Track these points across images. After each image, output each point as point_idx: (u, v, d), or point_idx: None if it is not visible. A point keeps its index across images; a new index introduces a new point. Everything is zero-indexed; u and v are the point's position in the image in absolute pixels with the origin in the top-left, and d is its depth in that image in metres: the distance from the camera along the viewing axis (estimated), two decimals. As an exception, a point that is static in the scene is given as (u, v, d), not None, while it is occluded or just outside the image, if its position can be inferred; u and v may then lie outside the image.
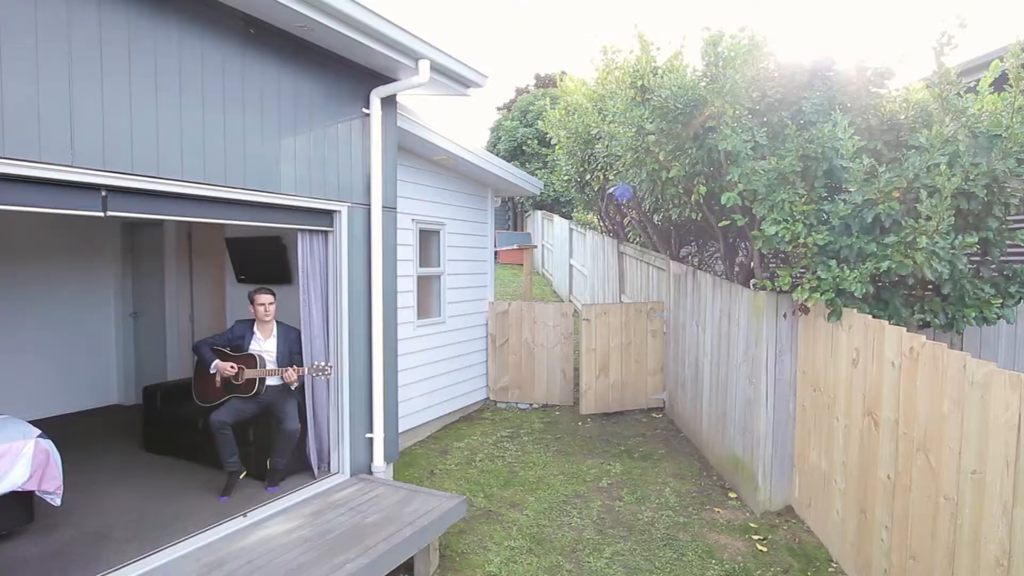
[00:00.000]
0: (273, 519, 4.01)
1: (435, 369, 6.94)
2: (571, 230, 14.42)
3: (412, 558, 4.03)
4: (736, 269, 6.40)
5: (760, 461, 5.04)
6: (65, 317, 6.80)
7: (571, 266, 14.42)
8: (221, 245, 6.61)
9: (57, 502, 3.73)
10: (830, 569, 4.29)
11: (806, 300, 4.49)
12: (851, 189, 4.36)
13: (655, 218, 7.61)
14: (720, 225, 5.51)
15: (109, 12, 3.08)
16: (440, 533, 4.15)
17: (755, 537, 4.70)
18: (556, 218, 16.74)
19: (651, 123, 5.39)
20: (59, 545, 3.66)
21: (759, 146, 4.77)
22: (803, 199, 4.51)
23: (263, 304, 4.67)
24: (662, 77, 5.44)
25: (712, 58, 4.89)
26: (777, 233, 4.51)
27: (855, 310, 4.24)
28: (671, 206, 6.07)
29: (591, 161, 8.49)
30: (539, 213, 19.81)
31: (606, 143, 6.76)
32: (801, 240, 4.44)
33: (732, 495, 5.42)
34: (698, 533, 4.77)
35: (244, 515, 3.98)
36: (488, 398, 8.16)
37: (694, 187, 5.48)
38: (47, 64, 2.82)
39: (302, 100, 4.26)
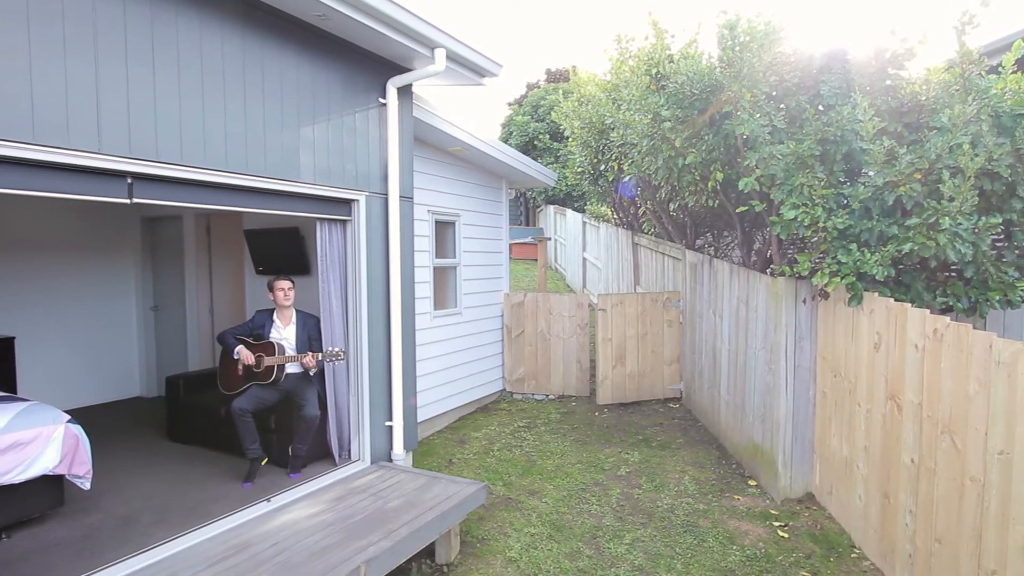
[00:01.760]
0: (296, 504, 4.06)
1: (452, 360, 6.98)
2: (584, 223, 14.40)
3: (433, 544, 4.06)
4: (753, 257, 6.36)
5: (780, 448, 5.01)
6: (89, 311, 6.92)
7: (584, 259, 14.40)
8: (240, 238, 6.69)
9: (87, 486, 3.81)
10: (853, 555, 4.26)
11: (826, 285, 4.45)
12: (871, 172, 4.32)
13: (671, 207, 7.58)
14: (738, 211, 5.47)
15: (133, 2, 3.12)
16: (461, 519, 4.17)
17: (776, 524, 4.68)
18: (569, 212, 16.72)
19: (667, 110, 5.37)
20: (89, 528, 3.74)
21: (777, 130, 4.74)
22: (822, 183, 4.47)
23: (282, 290, 4.72)
24: (678, 64, 5.41)
25: (729, 42, 4.86)
26: (796, 218, 4.48)
27: (876, 294, 4.21)
28: (687, 193, 6.04)
29: (605, 151, 8.47)
30: (551, 208, 19.78)
31: (620, 132, 6.73)
32: (820, 224, 4.41)
33: (752, 483, 5.40)
34: (718, 520, 4.76)
35: (268, 500, 4.04)
36: (504, 389, 8.18)
37: (711, 174, 5.45)
38: (74, 52, 2.87)
39: (320, 90, 4.29)
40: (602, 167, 8.81)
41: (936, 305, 4.50)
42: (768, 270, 5.55)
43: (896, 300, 4.08)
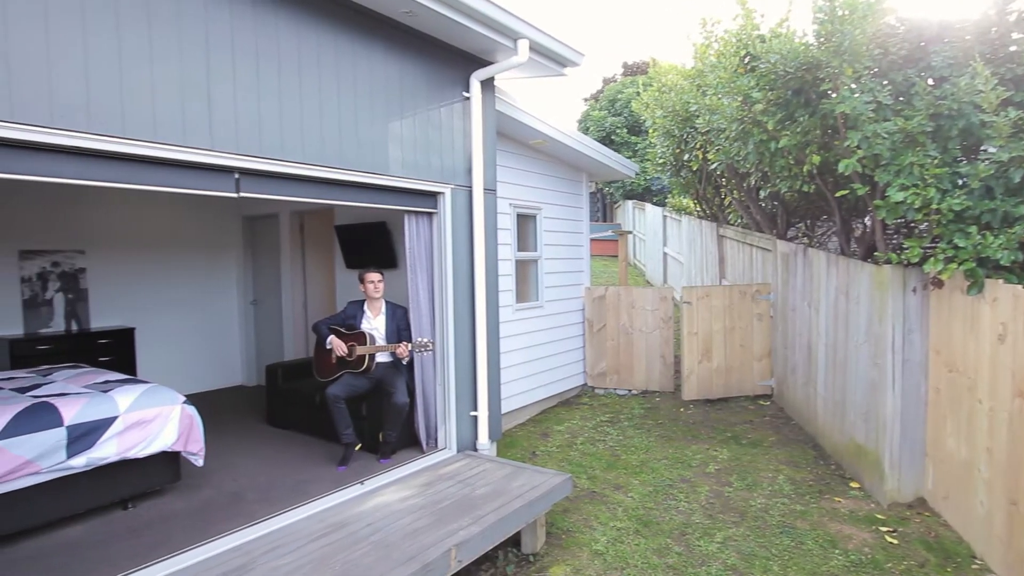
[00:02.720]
0: (387, 488, 4.19)
1: (533, 353, 6.99)
2: (665, 217, 14.05)
3: (519, 533, 4.07)
4: (853, 246, 5.97)
5: (886, 449, 4.67)
6: (197, 306, 7.47)
7: (665, 254, 14.06)
8: (330, 234, 6.99)
9: (200, 463, 4.10)
10: (974, 566, 3.91)
11: (940, 272, 4.11)
12: (993, 147, 3.94)
13: (760, 195, 7.25)
14: (836, 196, 5.15)
15: (239, 7, 3.32)
16: (547, 509, 4.16)
17: (883, 529, 4.37)
18: (648, 206, 16.36)
19: (758, 92, 5.13)
20: (202, 501, 4.02)
21: (882, 107, 4.42)
22: (935, 161, 4.13)
23: (372, 282, 4.88)
24: (769, 43, 5.16)
25: (827, 15, 4.57)
26: (905, 200, 4.16)
27: (1000, 281, 3.83)
28: (780, 179, 5.74)
29: (689, 140, 8.22)
30: (629, 203, 19.43)
31: (706, 118, 6.51)
32: (933, 206, 4.07)
33: (854, 484, 5.07)
34: (817, 522, 4.50)
35: (361, 483, 4.19)
36: (586, 383, 8.11)
37: (806, 157, 5.16)
38: (189, 55, 3.08)
39: (407, 86, 4.40)
40: (685, 157, 8.56)
41: (1073, 293, 4.06)
42: (871, 258, 5.19)
43: (1025, 287, 3.71)
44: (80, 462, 3.52)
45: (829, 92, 4.73)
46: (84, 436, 3.53)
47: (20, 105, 2.51)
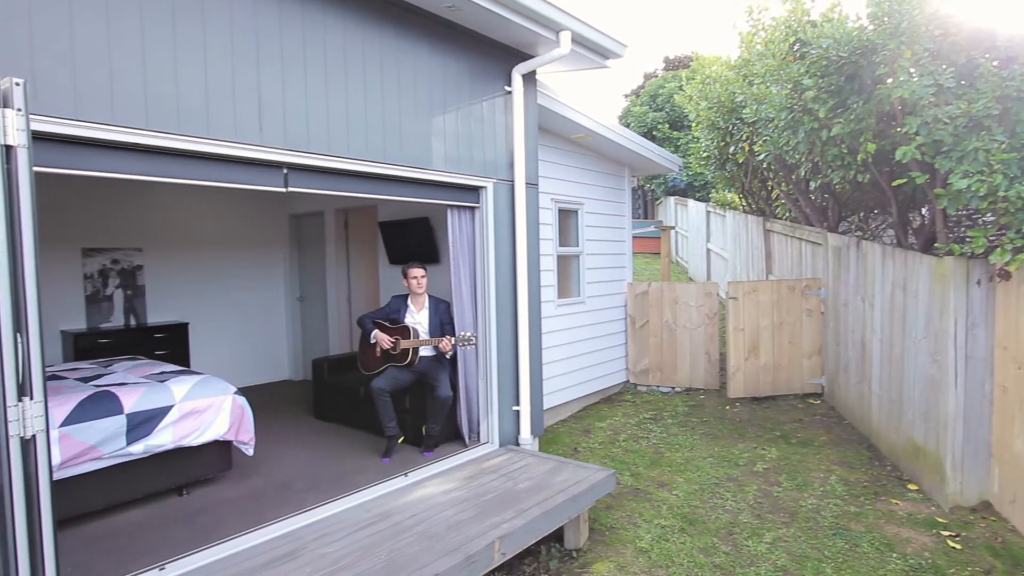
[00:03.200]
0: (430, 480, 4.22)
1: (575, 349, 6.94)
2: (708, 212, 13.79)
3: (562, 528, 4.04)
4: (911, 238, 5.72)
5: (948, 449, 4.46)
6: (246, 302, 7.69)
7: (708, 250, 13.78)
8: (374, 231, 7.09)
9: (250, 452, 4.21)
10: (1045, 573, 3.70)
11: (1007, 264, 3.90)
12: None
13: (810, 187, 7.02)
14: (893, 184, 4.94)
15: (288, 9, 3.39)
16: (590, 504, 4.12)
17: (944, 533, 4.17)
18: (691, 202, 16.08)
19: (809, 78, 4.96)
20: (253, 489, 4.13)
21: (943, 90, 4.21)
22: (1002, 147, 3.91)
23: (416, 277, 4.92)
24: (821, 27, 4.99)
25: (884, -5, 4.39)
26: (969, 187, 3.95)
27: (1075, 272, 3.62)
28: (831, 169, 5.55)
29: (735, 132, 8.02)
30: (671, 199, 19.13)
31: (753, 108, 6.33)
32: (1000, 194, 3.86)
33: (912, 487, 4.86)
34: (873, 524, 4.33)
35: (405, 475, 4.23)
36: (628, 380, 8.01)
37: (860, 145, 4.97)
38: (241, 57, 3.16)
39: (449, 80, 4.42)
40: (731, 149, 8.35)
41: None
42: (931, 250, 4.97)
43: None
44: (138, 449, 3.66)
45: (885, 77, 4.54)
46: (142, 424, 3.67)
47: (86, 103, 2.62)
